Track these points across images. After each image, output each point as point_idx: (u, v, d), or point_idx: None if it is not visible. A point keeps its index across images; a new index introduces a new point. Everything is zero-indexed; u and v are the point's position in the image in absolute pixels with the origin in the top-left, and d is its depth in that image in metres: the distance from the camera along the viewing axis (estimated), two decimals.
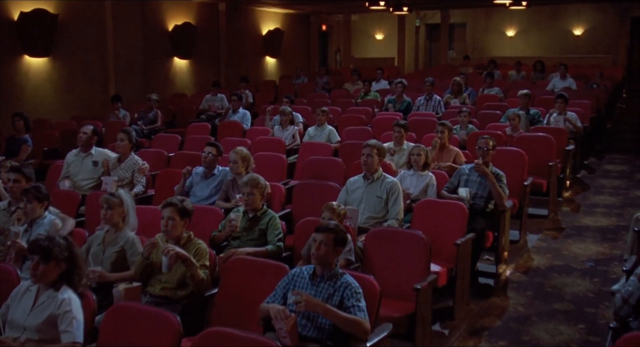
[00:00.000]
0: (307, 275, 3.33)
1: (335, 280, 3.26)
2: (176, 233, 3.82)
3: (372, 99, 10.89)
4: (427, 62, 19.95)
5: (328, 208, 4.28)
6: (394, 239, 4.25)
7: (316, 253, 3.25)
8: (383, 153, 5.18)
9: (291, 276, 3.37)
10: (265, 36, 17.03)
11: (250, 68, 16.09)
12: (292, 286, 3.32)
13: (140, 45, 12.53)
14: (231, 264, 3.81)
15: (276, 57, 17.56)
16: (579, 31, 17.88)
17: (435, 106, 9.66)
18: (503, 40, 18.90)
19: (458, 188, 5.46)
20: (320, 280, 3.28)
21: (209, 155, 5.72)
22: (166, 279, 3.79)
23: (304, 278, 3.33)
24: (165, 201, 3.86)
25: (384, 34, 20.92)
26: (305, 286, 3.30)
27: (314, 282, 3.29)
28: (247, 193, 4.57)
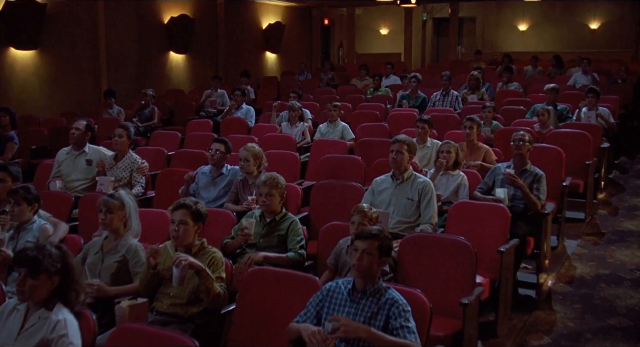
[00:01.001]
0: (345, 290, 2.92)
1: (378, 296, 2.85)
2: (188, 240, 3.41)
3: (383, 95, 10.52)
4: (434, 58, 19.60)
5: (358, 211, 3.88)
6: (433, 246, 3.84)
7: (358, 264, 2.83)
8: (414, 149, 4.78)
9: (325, 291, 2.95)
10: (265, 30, 16.66)
11: (250, 64, 15.69)
12: (328, 303, 2.91)
13: (134, 38, 12.11)
14: (251, 276, 3.39)
15: (277, 53, 17.19)
16: (595, 25, 17.55)
17: (452, 102, 9.29)
18: (515, 35, 18.57)
19: (494, 189, 5.07)
20: (361, 296, 2.87)
21: (216, 152, 5.32)
22: (175, 293, 3.38)
23: (341, 294, 2.92)
24: (176, 202, 3.45)
25: (388, 29, 20.58)
26: (343, 304, 2.89)
27: (353, 298, 2.88)
28: (265, 194, 4.16)
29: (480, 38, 19.18)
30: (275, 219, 4.19)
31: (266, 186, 4.17)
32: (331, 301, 2.92)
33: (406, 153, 4.68)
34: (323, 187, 5.17)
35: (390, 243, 2.96)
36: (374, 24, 20.68)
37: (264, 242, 4.14)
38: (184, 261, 3.15)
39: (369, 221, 3.85)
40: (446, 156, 5.26)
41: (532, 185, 4.97)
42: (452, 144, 5.36)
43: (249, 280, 3.39)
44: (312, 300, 2.97)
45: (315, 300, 2.95)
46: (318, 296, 2.96)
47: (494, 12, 18.87)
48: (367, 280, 2.87)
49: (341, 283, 2.97)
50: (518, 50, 16.75)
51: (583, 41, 17.00)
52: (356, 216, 3.87)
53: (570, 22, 17.69)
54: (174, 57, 13.58)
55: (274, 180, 4.19)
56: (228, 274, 3.47)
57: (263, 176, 4.27)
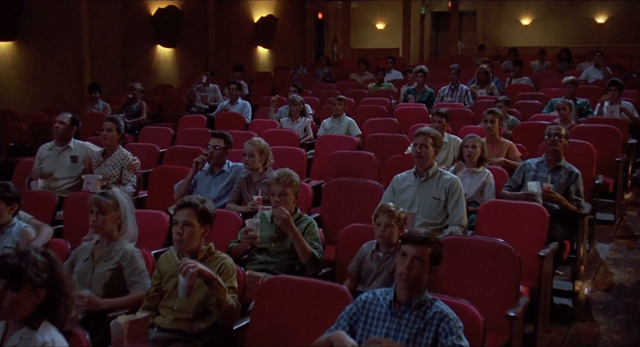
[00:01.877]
0: (385, 302, 2.56)
1: (425, 309, 2.50)
2: (193, 244, 3.04)
3: (386, 90, 10.21)
4: (433, 54, 19.34)
5: (384, 210, 3.52)
6: (470, 250, 3.50)
7: (407, 273, 2.48)
8: (439, 143, 4.43)
9: (361, 302, 2.59)
10: (257, 24, 16.31)
11: (241, 59, 15.27)
12: (364, 318, 2.55)
13: (119, 30, 11.71)
14: (268, 285, 3.02)
15: (269, 48, 16.84)
16: (602, 19, 17.35)
17: (462, 96, 8.99)
18: (517, 30, 18.35)
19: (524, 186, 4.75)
20: (404, 309, 2.51)
21: (215, 149, 4.94)
22: (180, 306, 3.01)
23: (380, 306, 2.56)
24: (180, 201, 3.08)
25: (385, 24, 20.31)
26: (383, 318, 2.54)
27: (395, 312, 2.52)
28: (278, 193, 3.79)
29: (482, 33, 18.94)
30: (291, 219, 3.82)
31: (279, 183, 3.80)
32: (368, 314, 2.56)
33: (431, 147, 4.33)
34: (336, 186, 4.81)
35: (442, 250, 2.60)
36: (370, 18, 20.40)
37: (276, 246, 3.78)
38: (192, 268, 2.77)
39: (397, 222, 3.51)
40: (471, 152, 4.93)
41: (567, 185, 4.65)
42: (477, 139, 5.02)
43: (264, 290, 3.02)
44: (344, 313, 2.61)
45: (348, 313, 2.59)
46: (352, 308, 2.60)
47: (496, 6, 18.66)
48: (414, 291, 2.52)
49: (379, 294, 2.61)
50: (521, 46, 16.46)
51: (589, 36, 16.80)
52: (382, 216, 3.52)
53: (576, 16, 17.49)
54: (162, 50, 13.19)
55: (287, 177, 3.82)
56: (240, 283, 3.10)
57: (275, 173, 3.89)
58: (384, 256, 3.51)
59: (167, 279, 3.10)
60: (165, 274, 3.11)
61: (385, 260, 3.50)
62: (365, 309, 2.58)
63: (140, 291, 3.22)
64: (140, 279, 3.25)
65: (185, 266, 2.77)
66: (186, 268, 2.77)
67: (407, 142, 6.17)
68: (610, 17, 17.32)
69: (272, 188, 3.84)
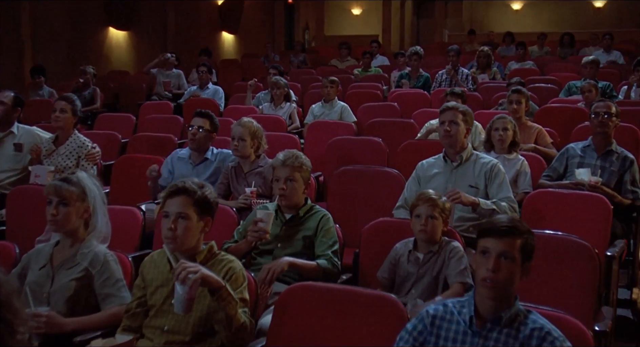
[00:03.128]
0: (462, 318, 2.04)
1: (517, 325, 1.99)
2: (190, 243, 2.50)
3: (375, 75, 9.79)
4: (414, 41, 19.00)
5: (425, 199, 3.04)
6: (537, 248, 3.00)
7: (493, 277, 1.97)
8: (471, 119, 3.97)
9: (428, 318, 2.07)
10: (221, 7, 15.77)
11: (204, 45, 14.71)
12: (434, 339, 2.04)
13: (64, 9, 11.01)
14: (290, 296, 2.49)
15: (235, 33, 16.32)
16: (600, 3, 17.24)
17: (462, 81, 8.59)
18: (507, 15, 18.14)
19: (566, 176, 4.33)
20: (490, 327, 2.00)
21: (199, 130, 4.39)
22: (173, 325, 2.46)
23: (456, 323, 2.05)
24: (172, 186, 2.54)
25: (362, 9, 19.91)
26: (462, 339, 2.04)
27: (478, 331, 2.01)
28: (284, 179, 3.26)
29: (468, 19, 18.68)
30: (299, 214, 3.29)
31: (286, 167, 3.27)
32: (439, 333, 2.05)
33: (462, 124, 3.85)
34: (344, 176, 4.30)
35: (534, 240, 2.09)
36: (345, 2, 19.98)
37: (284, 247, 3.25)
38: (194, 273, 2.22)
39: (441, 214, 3.03)
40: (502, 135, 4.49)
41: (620, 172, 4.24)
42: (508, 119, 4.59)
43: (285, 302, 2.49)
44: (405, 334, 2.09)
45: (411, 333, 2.08)
46: (416, 326, 2.08)
47: None
48: (502, 302, 2.01)
49: (452, 306, 2.09)
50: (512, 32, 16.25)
51: (587, 21, 16.64)
52: (423, 206, 3.03)
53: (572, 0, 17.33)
54: (114, 34, 12.53)
55: (296, 159, 3.29)
56: (251, 293, 2.55)
57: (280, 154, 3.36)
58: (424, 257, 3.02)
59: (154, 289, 2.54)
60: (152, 284, 2.55)
61: (426, 262, 3.01)
62: (434, 327, 2.06)
63: (117, 306, 2.66)
64: (116, 291, 2.69)
65: (184, 270, 2.22)
66: (186, 274, 2.22)
67: (415, 128, 5.75)
68: (609, 1, 17.19)
69: (276, 172, 3.31)
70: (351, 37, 17.57)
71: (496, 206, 3.56)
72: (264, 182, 4.22)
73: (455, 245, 3.04)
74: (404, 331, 2.09)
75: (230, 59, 14.71)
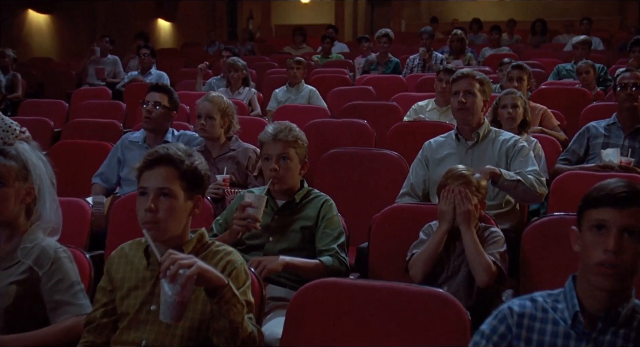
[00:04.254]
0: (560, 315, 1.65)
1: (636, 324, 1.61)
2: (176, 229, 2.06)
3: (337, 61, 9.46)
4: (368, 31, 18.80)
5: (455, 176, 2.70)
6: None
7: (616, 260, 1.59)
8: (489, 91, 3.61)
9: (513, 317, 1.67)
10: None
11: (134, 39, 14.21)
12: (524, 343, 1.64)
13: None
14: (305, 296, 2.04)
15: (172, 21, 15.86)
16: None
17: (438, 66, 8.31)
18: (468, 4, 18.05)
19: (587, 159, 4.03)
20: (602, 327, 1.62)
21: (155, 107, 3.91)
22: (154, 340, 2.01)
23: (553, 323, 1.66)
24: (150, 154, 2.06)
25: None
26: (562, 343, 1.63)
27: (586, 332, 1.63)
28: (277, 157, 2.82)
29: (426, 9, 18.52)
30: (295, 200, 2.86)
31: (278, 142, 2.83)
32: (530, 337, 1.65)
33: (479, 95, 3.49)
34: (334, 161, 3.90)
35: None
36: None
37: (276, 240, 2.81)
38: (188, 267, 1.76)
39: (476, 192, 2.66)
40: (512, 113, 4.18)
41: None
42: (518, 95, 4.29)
43: (301, 306, 2.05)
44: (481, 340, 1.68)
45: (490, 337, 1.68)
46: (496, 328, 1.68)
47: None
48: (619, 294, 1.63)
49: (542, 301, 1.69)
50: None
51: (553, 10, 16.69)
52: (453, 185, 2.65)
53: None
54: (35, 17, 11.87)
55: (290, 132, 2.86)
56: (256, 294, 2.09)
57: (269, 127, 2.91)
58: (460, 245, 2.62)
59: (126, 292, 2.07)
60: (123, 285, 2.08)
61: (461, 253, 2.62)
62: (523, 328, 1.66)
63: (74, 317, 2.18)
64: (71, 298, 2.21)
65: (174, 262, 1.76)
66: (177, 268, 1.75)
67: (399, 111, 5.41)
68: None
69: (266, 149, 2.87)
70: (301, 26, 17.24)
71: (521, 177, 3.20)
72: (238, 168, 3.80)
73: (494, 229, 2.69)
74: (479, 336, 1.68)
75: (168, 48, 14.19)
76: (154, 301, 2.01)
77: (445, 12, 18.04)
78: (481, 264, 2.51)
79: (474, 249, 2.54)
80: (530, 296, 1.72)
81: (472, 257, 2.54)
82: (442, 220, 2.64)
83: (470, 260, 2.54)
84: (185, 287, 1.78)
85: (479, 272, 2.51)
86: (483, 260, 2.52)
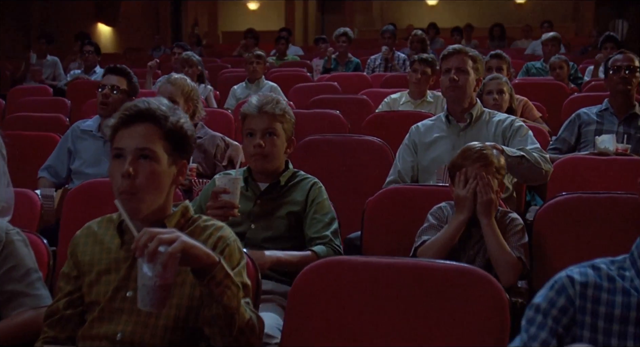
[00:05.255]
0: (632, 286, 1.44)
1: None
2: (157, 198, 1.79)
3: (293, 62, 9.28)
4: None
5: (475, 157, 2.49)
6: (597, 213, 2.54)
7: None
8: (482, 69, 3.45)
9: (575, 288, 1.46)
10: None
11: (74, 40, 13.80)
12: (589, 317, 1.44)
13: None
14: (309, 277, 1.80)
15: (113, 26, 15.50)
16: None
17: (400, 66, 8.24)
18: (422, 11, 18.20)
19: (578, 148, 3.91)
20: None
21: (113, 92, 3.62)
22: (131, 332, 1.75)
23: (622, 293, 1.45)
24: (129, 108, 1.79)
25: (259, 3, 19.44)
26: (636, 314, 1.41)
27: None
28: (261, 131, 2.57)
29: (379, 15, 18.56)
30: (280, 183, 2.60)
31: (263, 115, 2.58)
32: (597, 308, 1.43)
33: (472, 73, 3.32)
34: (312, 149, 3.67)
35: None
36: None
37: (259, 228, 2.55)
38: (169, 243, 1.49)
39: (497, 174, 2.44)
40: (498, 99, 4.05)
41: None
42: (504, 81, 4.21)
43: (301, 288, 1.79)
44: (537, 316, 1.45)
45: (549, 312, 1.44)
46: (555, 301, 1.45)
47: None
48: None
49: (605, 268, 1.48)
50: None
51: (508, 17, 16.89)
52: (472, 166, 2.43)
53: None
54: None
55: (276, 104, 2.61)
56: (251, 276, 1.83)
57: (253, 99, 2.66)
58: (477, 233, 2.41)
59: (96, 277, 1.78)
60: (92, 269, 1.80)
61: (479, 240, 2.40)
62: (588, 299, 1.44)
63: (31, 310, 1.89)
64: (27, 288, 1.92)
65: (152, 238, 1.48)
66: (156, 244, 1.48)
67: (370, 105, 5.24)
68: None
69: (249, 124, 2.61)
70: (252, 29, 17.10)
71: (524, 152, 3.02)
72: (205, 157, 3.56)
73: (514, 216, 2.48)
74: (533, 310, 1.45)
75: (109, 53, 13.82)
76: (130, 286, 1.73)
77: (399, 19, 18.10)
78: (507, 263, 2.30)
79: (497, 245, 2.32)
80: (589, 262, 1.50)
81: (496, 254, 2.31)
82: (461, 208, 2.40)
83: (493, 257, 2.32)
84: (168, 267, 1.50)
85: (504, 271, 2.28)
86: (509, 258, 2.30)
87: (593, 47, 10.82)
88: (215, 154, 3.59)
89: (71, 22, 13.97)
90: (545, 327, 1.43)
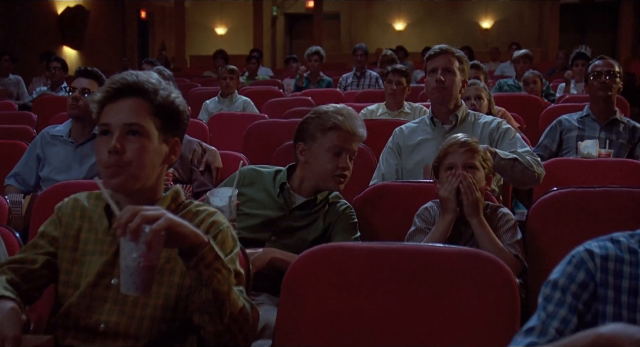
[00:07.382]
0: None
1: None
2: (147, 177, 1.69)
3: (265, 81, 9.24)
4: None
5: (459, 143, 2.44)
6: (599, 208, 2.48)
7: None
8: (468, 71, 3.40)
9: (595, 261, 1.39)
10: (62, 16, 14.79)
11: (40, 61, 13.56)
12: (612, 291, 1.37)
13: None
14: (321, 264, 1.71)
15: (78, 49, 15.34)
16: (488, 24, 17.85)
17: (371, 85, 8.27)
18: (390, 35, 18.34)
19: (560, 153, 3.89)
20: None
21: (84, 95, 3.49)
22: (115, 321, 1.62)
23: None
24: (116, 81, 1.69)
25: (227, 28, 19.46)
26: None
27: None
28: None
29: (347, 39, 18.65)
30: (316, 200, 2.53)
31: None
32: (619, 283, 1.36)
33: (459, 74, 3.27)
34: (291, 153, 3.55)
35: None
36: (207, 20, 19.43)
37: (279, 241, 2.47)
38: (152, 221, 1.39)
39: (483, 163, 2.39)
40: (476, 105, 4.04)
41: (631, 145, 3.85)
42: (482, 86, 4.20)
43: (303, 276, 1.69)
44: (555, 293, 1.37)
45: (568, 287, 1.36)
46: (574, 276, 1.37)
47: (363, 7, 18.51)
48: None
49: (625, 241, 1.41)
50: None
51: (475, 41, 17.07)
52: (456, 153, 2.37)
53: (458, 20, 17.80)
54: None
55: None
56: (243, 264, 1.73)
57: None
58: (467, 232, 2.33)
59: (80, 255, 1.68)
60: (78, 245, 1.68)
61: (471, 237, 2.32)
62: (609, 273, 1.36)
63: None
64: None
65: (136, 215, 1.38)
66: (139, 221, 1.37)
67: None
68: (497, 21, 17.80)
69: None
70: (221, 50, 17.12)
71: (517, 155, 2.95)
72: (182, 162, 3.44)
73: (505, 211, 2.41)
74: (550, 287, 1.37)
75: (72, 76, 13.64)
76: (115, 273, 1.60)
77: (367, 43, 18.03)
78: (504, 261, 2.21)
79: (491, 245, 2.22)
80: (607, 236, 1.43)
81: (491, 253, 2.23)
82: (445, 208, 2.32)
83: None
84: (152, 246, 1.39)
85: None
86: (504, 256, 2.17)
87: (560, 68, 10.97)
88: (192, 160, 3.48)
89: (35, 43, 13.78)
90: (565, 304, 1.35)
